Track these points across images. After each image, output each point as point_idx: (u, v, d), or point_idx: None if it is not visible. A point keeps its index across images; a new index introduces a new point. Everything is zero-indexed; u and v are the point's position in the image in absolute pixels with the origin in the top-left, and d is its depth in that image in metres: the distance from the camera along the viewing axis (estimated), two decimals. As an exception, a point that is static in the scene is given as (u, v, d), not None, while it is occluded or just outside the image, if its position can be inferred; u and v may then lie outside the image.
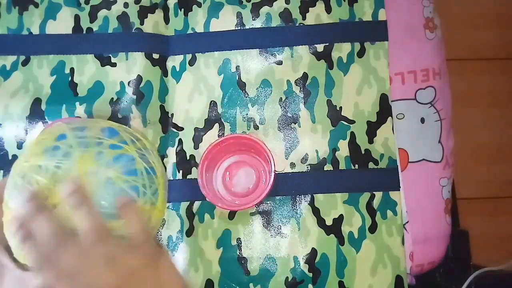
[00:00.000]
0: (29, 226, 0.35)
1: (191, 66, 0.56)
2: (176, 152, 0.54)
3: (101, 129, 0.40)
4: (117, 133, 0.41)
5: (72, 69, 0.56)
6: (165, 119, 0.55)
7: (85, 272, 0.34)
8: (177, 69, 0.56)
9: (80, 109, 0.54)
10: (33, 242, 0.34)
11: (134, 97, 0.54)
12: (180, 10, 0.57)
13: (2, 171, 0.54)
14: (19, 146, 0.54)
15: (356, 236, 0.51)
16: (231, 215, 0.52)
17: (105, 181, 0.37)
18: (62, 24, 0.57)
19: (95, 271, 0.34)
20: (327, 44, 0.55)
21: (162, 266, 0.38)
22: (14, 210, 0.37)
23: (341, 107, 0.54)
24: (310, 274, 0.51)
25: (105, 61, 0.56)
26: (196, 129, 0.54)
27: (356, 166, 0.53)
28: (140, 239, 0.37)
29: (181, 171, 0.53)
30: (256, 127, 0.54)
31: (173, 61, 0.56)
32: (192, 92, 0.55)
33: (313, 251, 0.51)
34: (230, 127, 0.54)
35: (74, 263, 0.34)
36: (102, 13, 0.57)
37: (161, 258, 0.38)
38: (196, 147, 0.54)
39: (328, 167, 0.53)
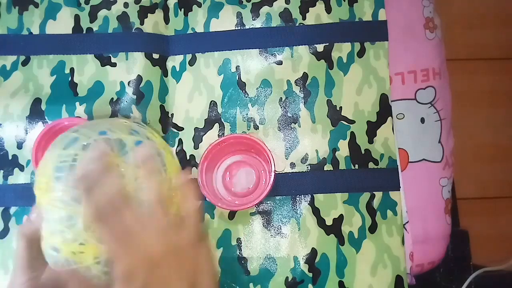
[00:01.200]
0: (95, 181, 0.35)
1: (191, 66, 0.56)
2: (176, 152, 0.54)
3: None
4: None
5: (72, 69, 0.56)
6: (165, 119, 0.55)
7: (138, 235, 0.35)
8: (177, 69, 0.56)
9: (80, 109, 0.54)
10: (98, 194, 0.35)
11: (134, 97, 0.54)
12: (180, 10, 0.57)
13: (2, 171, 0.54)
14: (19, 146, 0.54)
15: (356, 236, 0.51)
16: (231, 215, 0.52)
17: None
18: (62, 24, 0.57)
19: (149, 237, 0.35)
20: (327, 44, 0.55)
21: (202, 250, 0.39)
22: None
23: (341, 107, 0.54)
24: (310, 274, 0.51)
25: (105, 61, 0.56)
26: (196, 129, 0.55)
27: (356, 166, 0.53)
28: (191, 220, 0.38)
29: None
30: (256, 127, 0.54)
31: (173, 61, 0.56)
32: (192, 92, 0.55)
33: (313, 251, 0.51)
34: (230, 127, 0.54)
35: (134, 222, 0.35)
36: (102, 13, 0.57)
37: (203, 242, 0.39)
38: (196, 147, 0.54)
39: (328, 167, 0.53)
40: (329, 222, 0.52)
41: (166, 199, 0.38)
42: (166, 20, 0.57)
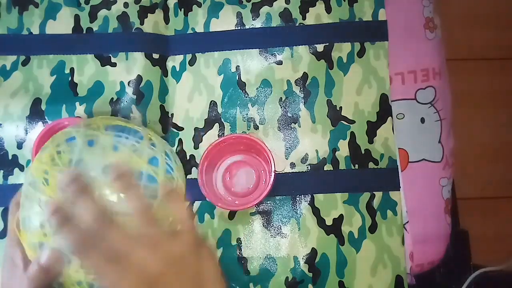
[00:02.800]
0: (67, 210, 0.34)
1: (191, 66, 0.56)
2: (176, 152, 0.54)
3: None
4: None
5: (72, 69, 0.56)
6: (165, 119, 0.55)
7: (130, 255, 0.34)
8: (177, 69, 0.56)
9: (80, 109, 0.54)
10: (73, 225, 0.34)
11: (134, 97, 0.54)
12: (180, 10, 0.57)
13: (2, 171, 0.54)
14: (19, 146, 0.54)
15: (356, 236, 0.51)
16: (231, 215, 0.52)
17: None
18: (62, 24, 0.57)
19: (141, 255, 0.34)
20: (327, 44, 0.55)
21: (203, 255, 0.37)
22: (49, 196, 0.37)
23: (341, 107, 0.54)
24: (310, 274, 0.51)
25: (105, 61, 0.56)
26: (196, 129, 0.55)
27: (356, 166, 0.53)
28: (184, 226, 0.37)
29: (181, 171, 0.53)
30: (256, 127, 0.54)
31: (173, 61, 0.56)
32: (192, 92, 0.55)
33: (313, 251, 0.51)
34: (230, 127, 0.54)
35: (119, 246, 0.34)
36: (102, 13, 0.57)
37: (203, 247, 0.38)
38: (196, 147, 0.54)
39: (328, 167, 0.53)
40: (329, 222, 0.52)
41: (150, 210, 0.36)
42: (166, 20, 0.57)
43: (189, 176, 0.53)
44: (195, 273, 0.36)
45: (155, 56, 0.56)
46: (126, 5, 0.57)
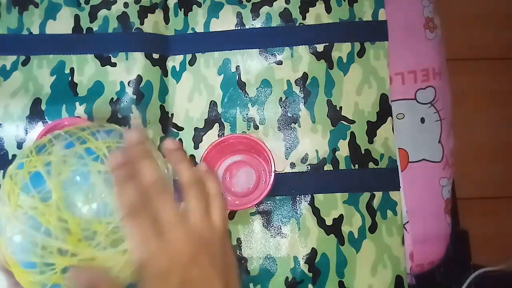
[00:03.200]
0: (131, 168, 0.34)
1: (191, 66, 0.56)
2: (176, 152, 0.54)
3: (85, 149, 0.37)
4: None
5: (72, 69, 0.56)
6: (165, 119, 0.55)
7: (173, 230, 0.34)
8: (177, 69, 0.56)
9: (80, 109, 0.54)
10: (136, 183, 0.33)
11: (134, 97, 0.54)
12: (180, 10, 0.57)
13: (2, 171, 0.54)
14: (19, 146, 0.54)
15: (356, 236, 0.51)
16: (231, 215, 0.52)
17: None
18: (62, 24, 0.57)
19: (181, 234, 0.34)
20: (327, 44, 0.55)
21: (228, 241, 0.38)
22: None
23: (341, 107, 0.54)
24: (310, 274, 0.51)
25: (105, 61, 0.56)
26: (196, 129, 0.55)
27: (356, 166, 0.53)
28: (218, 209, 0.37)
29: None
30: (256, 127, 0.54)
31: (173, 61, 0.56)
32: (192, 92, 0.55)
33: (313, 251, 0.51)
34: (230, 127, 0.54)
35: (167, 216, 0.34)
36: (102, 13, 0.57)
37: (227, 233, 0.39)
38: (196, 147, 0.54)
39: (328, 167, 0.53)
40: (329, 222, 0.52)
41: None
42: (166, 20, 0.57)
43: (189, 176, 0.53)
44: (224, 260, 0.36)
45: (155, 56, 0.56)
46: (126, 5, 0.57)
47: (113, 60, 0.56)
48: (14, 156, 0.54)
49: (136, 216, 0.33)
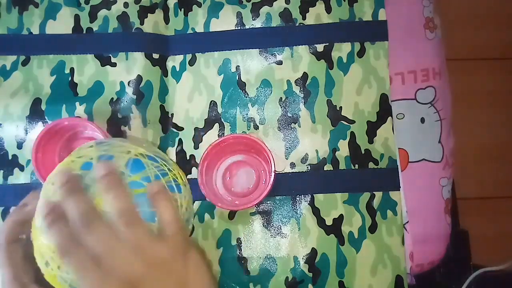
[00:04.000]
0: (60, 210, 0.34)
1: (191, 66, 0.56)
2: (176, 152, 0.54)
3: (127, 161, 0.38)
4: (143, 167, 0.38)
5: (72, 69, 0.56)
6: (165, 119, 0.55)
7: (111, 256, 0.33)
8: (177, 69, 0.56)
9: (80, 109, 0.54)
10: (61, 224, 0.33)
11: (134, 97, 0.54)
12: (180, 10, 0.57)
13: (2, 171, 0.54)
14: (19, 146, 0.54)
15: (356, 236, 0.51)
16: (231, 215, 0.52)
17: None
18: (62, 24, 0.57)
19: (122, 257, 0.33)
20: (327, 44, 0.55)
21: (190, 261, 0.37)
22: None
23: (341, 107, 0.54)
24: (310, 274, 0.51)
25: (105, 61, 0.56)
26: (196, 129, 0.55)
27: (356, 166, 0.53)
28: (170, 229, 0.36)
29: (181, 171, 0.53)
30: (256, 127, 0.54)
31: (173, 61, 0.56)
32: (192, 92, 0.55)
33: (313, 251, 0.51)
34: (230, 127, 0.54)
35: (100, 245, 0.33)
36: (102, 13, 0.57)
37: (190, 252, 0.37)
38: (196, 147, 0.54)
39: (328, 167, 0.53)
40: (329, 222, 0.52)
41: (134, 211, 0.35)
42: (166, 20, 0.57)
43: (189, 176, 0.53)
44: (180, 279, 0.35)
45: (155, 56, 0.56)
46: (126, 5, 0.57)
47: (113, 60, 0.56)
48: (14, 156, 0.54)
49: (69, 254, 0.33)
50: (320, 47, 0.55)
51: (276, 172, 0.50)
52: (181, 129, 0.55)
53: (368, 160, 0.53)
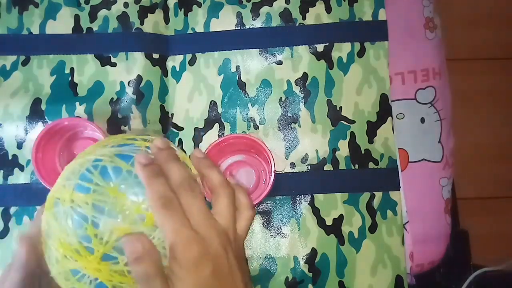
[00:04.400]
0: (158, 168, 0.35)
1: (191, 66, 0.56)
2: (176, 152, 0.54)
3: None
4: None
5: (72, 69, 0.56)
6: (165, 119, 0.55)
7: (204, 228, 0.34)
8: (177, 69, 0.56)
9: (80, 109, 0.54)
10: (164, 179, 0.35)
11: (134, 97, 0.54)
12: (180, 10, 0.57)
13: (2, 171, 0.54)
14: (19, 146, 0.54)
15: (356, 236, 0.51)
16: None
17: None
18: (62, 24, 0.57)
19: (211, 232, 0.35)
20: (327, 44, 0.55)
21: (244, 252, 0.41)
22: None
23: (341, 107, 0.54)
24: (310, 274, 0.51)
25: (105, 61, 0.56)
26: (196, 129, 0.55)
27: (356, 166, 0.53)
28: (246, 212, 0.39)
29: (181, 171, 0.53)
30: (256, 127, 0.54)
31: (173, 61, 0.56)
32: (192, 92, 0.55)
33: (313, 251, 0.51)
34: (230, 127, 0.54)
35: (202, 210, 0.35)
36: (102, 13, 0.57)
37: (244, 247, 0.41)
38: (196, 147, 0.54)
39: (328, 167, 0.53)
40: (329, 222, 0.52)
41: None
42: (166, 20, 0.57)
43: (189, 176, 0.53)
44: (242, 256, 0.38)
45: (155, 56, 0.56)
46: (126, 5, 0.57)
47: (113, 60, 0.56)
48: (14, 156, 0.54)
49: (167, 207, 0.34)
50: (320, 47, 0.55)
51: (276, 172, 0.50)
52: (181, 129, 0.55)
53: (368, 160, 0.53)
